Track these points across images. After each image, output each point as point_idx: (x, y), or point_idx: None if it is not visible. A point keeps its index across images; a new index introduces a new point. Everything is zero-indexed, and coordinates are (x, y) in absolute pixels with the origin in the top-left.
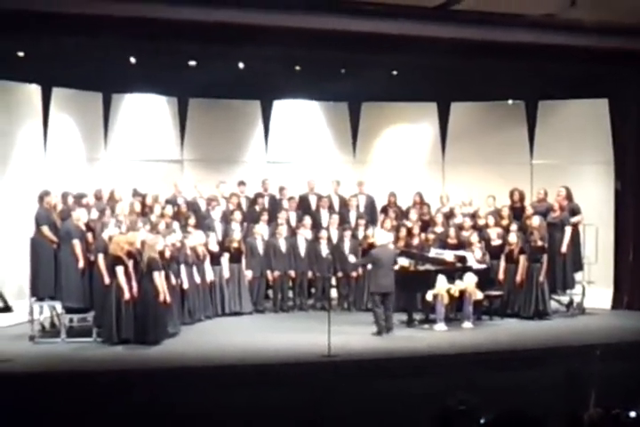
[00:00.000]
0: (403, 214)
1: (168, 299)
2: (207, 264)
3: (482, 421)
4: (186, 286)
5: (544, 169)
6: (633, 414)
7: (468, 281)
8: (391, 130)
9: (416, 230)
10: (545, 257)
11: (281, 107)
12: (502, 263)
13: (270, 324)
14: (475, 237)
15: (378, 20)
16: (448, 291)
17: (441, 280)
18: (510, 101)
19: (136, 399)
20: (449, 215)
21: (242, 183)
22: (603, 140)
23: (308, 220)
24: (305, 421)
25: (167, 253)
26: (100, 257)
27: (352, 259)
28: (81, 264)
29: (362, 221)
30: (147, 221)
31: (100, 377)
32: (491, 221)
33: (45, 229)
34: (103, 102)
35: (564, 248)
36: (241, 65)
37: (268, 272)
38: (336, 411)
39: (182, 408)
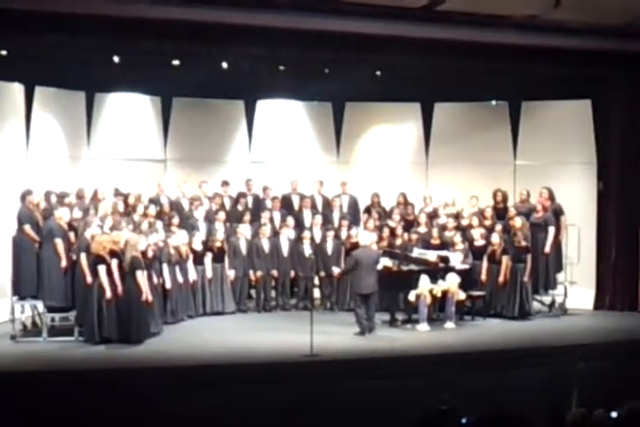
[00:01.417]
0: (386, 215)
1: (150, 298)
2: (190, 264)
3: (463, 421)
4: (168, 285)
5: (527, 170)
6: (614, 414)
7: (451, 281)
8: (375, 130)
9: (399, 231)
10: (529, 257)
11: (264, 107)
12: (485, 264)
13: (253, 324)
14: (458, 238)
15: (362, 21)
16: (431, 291)
17: (424, 280)
18: (494, 102)
19: (118, 399)
20: (432, 215)
21: (225, 183)
22: (585, 141)
23: (290, 220)
24: (287, 420)
25: (150, 253)
26: (83, 256)
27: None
28: (63, 263)
29: (345, 222)
30: (129, 220)
31: (82, 376)
32: (474, 221)
33: (27, 228)
34: (86, 101)
35: (547, 249)
36: (224, 65)
37: (251, 272)
38: (318, 411)
39: (164, 407)
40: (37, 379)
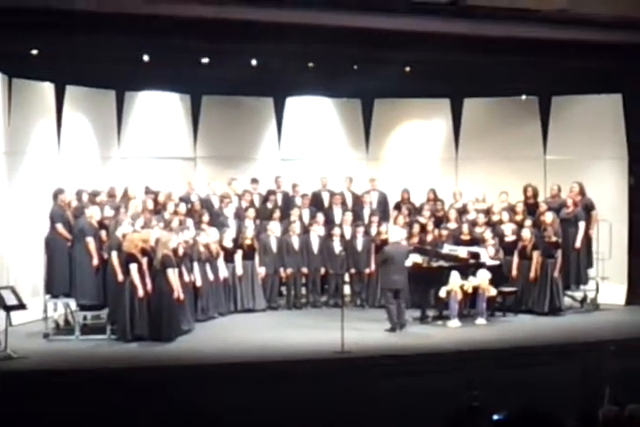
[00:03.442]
0: (416, 211)
1: (181, 296)
2: (220, 261)
3: (495, 417)
4: (199, 283)
5: (557, 165)
6: None
7: (482, 277)
8: (404, 126)
9: (429, 227)
10: (559, 253)
11: (294, 104)
12: (515, 259)
13: (284, 321)
14: (488, 234)
15: (390, 17)
16: (461, 287)
17: (454, 276)
18: (524, 97)
19: (150, 397)
20: (462, 211)
21: (254, 180)
22: (616, 135)
23: (320, 217)
24: (318, 417)
25: (180, 251)
26: (114, 254)
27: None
28: (95, 262)
29: (375, 218)
30: (160, 218)
31: (115, 374)
32: (505, 217)
33: (60, 227)
34: (116, 100)
35: (577, 244)
36: (254, 62)
37: (281, 269)
38: (349, 407)
39: (196, 405)
40: (70, 377)
